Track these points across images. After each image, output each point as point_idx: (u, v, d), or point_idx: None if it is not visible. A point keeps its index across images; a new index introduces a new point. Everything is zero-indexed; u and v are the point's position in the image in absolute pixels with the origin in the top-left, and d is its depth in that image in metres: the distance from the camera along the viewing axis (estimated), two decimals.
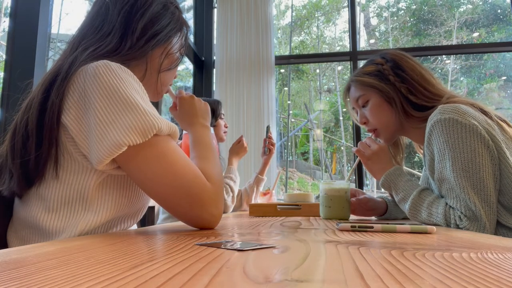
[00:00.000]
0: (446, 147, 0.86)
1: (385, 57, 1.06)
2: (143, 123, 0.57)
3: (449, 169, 0.85)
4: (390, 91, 1.01)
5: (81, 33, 0.74)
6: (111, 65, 0.62)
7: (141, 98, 0.62)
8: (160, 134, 0.61)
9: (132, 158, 0.59)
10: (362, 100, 1.07)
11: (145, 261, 0.32)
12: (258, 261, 0.33)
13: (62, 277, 0.25)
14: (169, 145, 0.62)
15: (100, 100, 0.59)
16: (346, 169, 10.53)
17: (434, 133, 0.89)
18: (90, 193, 0.64)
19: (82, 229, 0.63)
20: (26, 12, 1.41)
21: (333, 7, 11.61)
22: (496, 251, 0.40)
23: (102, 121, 0.58)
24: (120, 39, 0.71)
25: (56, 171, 0.63)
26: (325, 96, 11.32)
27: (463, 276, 0.26)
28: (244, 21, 3.07)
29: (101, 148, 0.57)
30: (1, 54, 5.48)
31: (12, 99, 1.36)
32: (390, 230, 0.62)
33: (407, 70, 1.01)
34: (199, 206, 0.63)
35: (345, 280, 0.25)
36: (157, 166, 0.60)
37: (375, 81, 1.03)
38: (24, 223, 0.66)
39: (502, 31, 9.49)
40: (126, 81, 0.61)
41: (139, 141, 0.57)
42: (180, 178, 0.61)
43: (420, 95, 0.99)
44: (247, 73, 2.98)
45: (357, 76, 1.08)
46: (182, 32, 0.81)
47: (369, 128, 1.09)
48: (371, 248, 0.41)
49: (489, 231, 0.82)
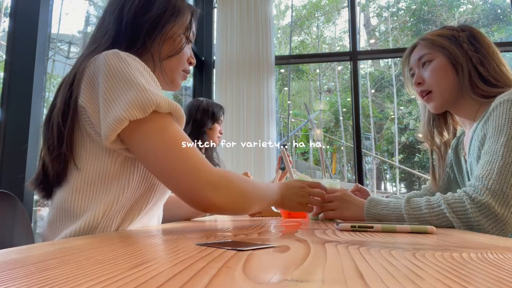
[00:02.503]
0: (506, 123, 0.83)
1: (461, 27, 1.03)
2: (142, 99, 0.60)
3: (501, 143, 0.81)
4: (460, 56, 0.97)
5: (89, 41, 0.80)
6: (120, 52, 0.67)
7: (145, 79, 0.65)
8: (159, 111, 0.63)
9: (133, 133, 0.62)
10: (426, 58, 1.02)
11: (145, 261, 0.32)
12: (258, 261, 0.33)
13: (62, 277, 0.25)
14: (169, 122, 0.64)
15: (106, 81, 0.63)
16: (346, 169, 10.53)
17: (497, 110, 0.86)
18: (110, 174, 0.68)
19: (105, 210, 0.66)
20: (26, 12, 1.40)
21: (333, 7, 11.61)
22: (496, 251, 0.40)
23: (107, 99, 0.62)
24: (115, 37, 0.75)
25: (72, 154, 0.68)
26: (325, 96, 11.32)
27: (463, 276, 0.26)
28: (244, 21, 3.06)
29: (105, 124, 0.61)
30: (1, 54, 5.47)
31: (12, 99, 1.36)
32: (390, 230, 0.62)
33: (483, 43, 0.98)
34: (194, 181, 0.61)
35: (345, 280, 0.25)
36: (157, 140, 0.62)
37: (447, 42, 1.00)
38: (53, 206, 0.71)
39: (502, 31, 9.49)
40: (130, 64, 0.65)
41: (139, 116, 0.60)
42: (179, 151, 0.62)
43: (491, 68, 0.96)
44: (247, 73, 2.98)
45: (428, 35, 1.05)
46: (183, 16, 0.82)
47: (423, 89, 1.03)
48: (371, 248, 0.41)
49: (511, 218, 0.76)
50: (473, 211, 0.76)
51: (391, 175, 10.80)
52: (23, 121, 1.34)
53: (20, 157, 1.31)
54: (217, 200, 0.63)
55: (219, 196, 0.63)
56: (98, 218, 0.66)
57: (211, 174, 0.63)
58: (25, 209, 0.87)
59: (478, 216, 0.75)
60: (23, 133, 1.33)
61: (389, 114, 10.56)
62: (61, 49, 7.25)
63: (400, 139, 9.92)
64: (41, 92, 1.41)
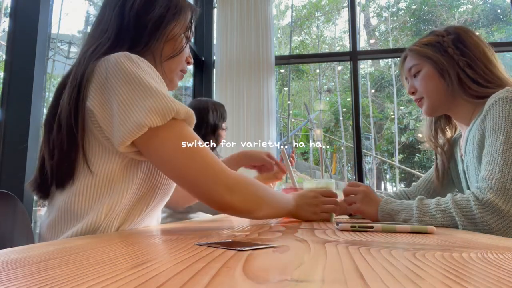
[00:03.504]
0: (503, 121, 0.84)
1: (448, 30, 1.04)
2: (162, 106, 0.61)
3: (500, 142, 0.83)
4: (445, 63, 0.99)
5: (88, 37, 0.78)
6: (131, 55, 0.66)
7: (159, 85, 0.65)
8: (177, 118, 0.64)
9: (151, 139, 0.62)
10: (415, 70, 1.06)
11: (145, 261, 0.32)
12: (258, 261, 0.33)
13: (62, 277, 0.25)
14: (185, 128, 0.66)
15: (122, 86, 0.63)
16: (346, 169, 10.53)
17: (494, 108, 0.87)
18: (114, 176, 0.68)
19: (107, 211, 0.67)
20: (26, 12, 1.40)
21: (333, 7, 11.61)
22: (496, 251, 0.40)
23: (125, 104, 0.62)
24: (117, 36, 0.74)
25: (85, 156, 0.68)
26: (325, 96, 11.32)
27: (463, 276, 0.26)
28: (244, 21, 3.06)
29: (123, 129, 0.61)
30: (1, 54, 5.47)
31: (12, 99, 1.36)
32: (390, 230, 0.62)
33: (468, 45, 0.99)
34: (212, 178, 0.63)
35: (345, 280, 0.25)
36: (175, 146, 0.63)
37: (430, 51, 1.02)
38: (56, 209, 0.70)
39: (502, 31, 9.49)
40: (144, 69, 0.66)
41: (159, 123, 0.61)
42: (197, 155, 0.63)
43: (479, 70, 0.96)
44: (247, 73, 2.98)
45: (414, 45, 1.08)
46: (184, 16, 0.81)
47: (416, 97, 1.08)
48: (371, 248, 0.41)
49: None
50: (478, 210, 0.77)
51: (391, 175, 10.81)
52: (23, 121, 1.34)
53: (20, 157, 1.31)
54: (234, 202, 0.66)
55: (235, 198, 0.66)
56: (101, 219, 0.66)
57: (228, 177, 0.65)
58: (25, 209, 0.87)
59: (483, 213, 0.77)
60: (23, 133, 1.33)
61: (389, 114, 10.56)
62: (61, 49, 7.25)
63: (400, 139, 9.92)
64: (41, 92, 1.41)
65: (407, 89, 1.11)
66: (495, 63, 0.99)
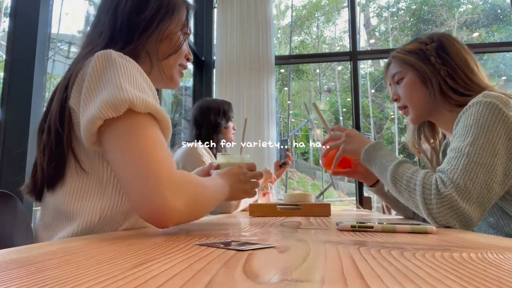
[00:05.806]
0: (474, 124, 0.84)
1: (432, 37, 1.04)
2: (116, 98, 0.56)
3: (468, 143, 0.82)
4: (427, 71, 0.99)
5: (85, 39, 0.78)
6: (112, 52, 0.63)
7: (129, 79, 0.60)
8: (135, 110, 0.57)
9: (106, 133, 0.58)
10: (398, 77, 1.07)
11: (145, 261, 0.32)
12: (258, 261, 0.33)
13: (62, 277, 0.25)
14: (146, 123, 0.59)
15: (89, 81, 0.61)
16: None
17: (467, 112, 0.87)
18: (105, 177, 0.67)
19: (101, 213, 0.66)
20: (26, 12, 1.41)
21: (333, 7, 11.62)
22: (496, 251, 0.40)
23: (85, 99, 0.60)
24: (110, 37, 0.74)
25: (75, 156, 0.67)
26: (325, 96, 11.32)
27: (463, 276, 0.26)
28: (244, 21, 3.07)
29: (82, 124, 0.59)
30: (1, 54, 5.48)
31: (12, 99, 1.36)
32: (390, 230, 0.62)
33: (451, 53, 0.99)
34: (154, 185, 0.54)
35: (345, 280, 0.25)
36: (126, 141, 0.57)
37: (413, 59, 1.02)
38: (48, 210, 0.69)
39: (502, 31, 9.50)
40: (118, 65, 0.61)
41: (112, 115, 0.56)
42: (146, 154, 0.56)
43: (459, 80, 0.97)
44: (247, 73, 2.98)
45: (398, 52, 1.08)
46: (178, 13, 0.81)
47: (399, 105, 1.09)
48: (371, 248, 0.41)
49: (474, 214, 0.76)
50: (436, 203, 0.76)
51: None
52: (23, 121, 1.34)
53: (20, 157, 1.31)
54: (173, 213, 0.56)
55: (174, 211, 0.56)
56: (95, 221, 0.65)
57: (171, 187, 0.55)
58: (25, 209, 0.87)
59: (440, 208, 0.76)
60: (23, 133, 1.33)
61: (389, 114, 10.57)
62: (61, 49, 7.25)
63: (400, 139, 9.93)
64: (41, 92, 1.41)
65: (391, 96, 1.11)
66: (476, 71, 0.99)
